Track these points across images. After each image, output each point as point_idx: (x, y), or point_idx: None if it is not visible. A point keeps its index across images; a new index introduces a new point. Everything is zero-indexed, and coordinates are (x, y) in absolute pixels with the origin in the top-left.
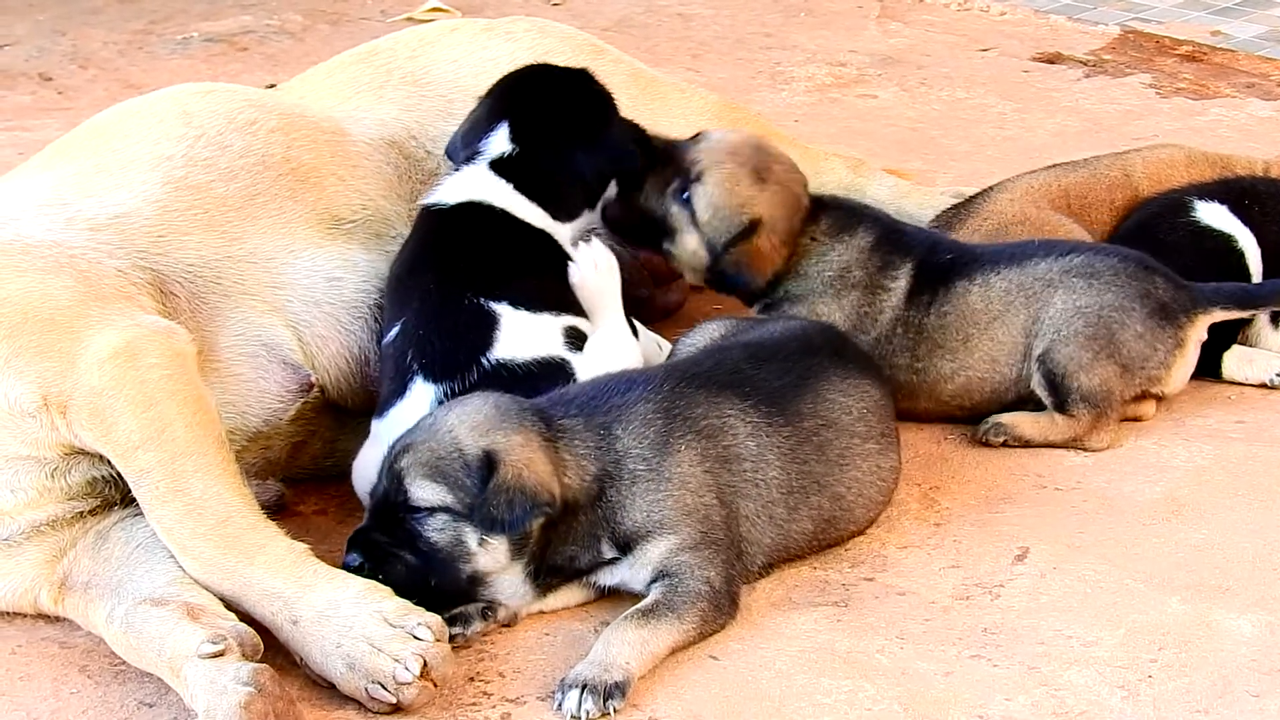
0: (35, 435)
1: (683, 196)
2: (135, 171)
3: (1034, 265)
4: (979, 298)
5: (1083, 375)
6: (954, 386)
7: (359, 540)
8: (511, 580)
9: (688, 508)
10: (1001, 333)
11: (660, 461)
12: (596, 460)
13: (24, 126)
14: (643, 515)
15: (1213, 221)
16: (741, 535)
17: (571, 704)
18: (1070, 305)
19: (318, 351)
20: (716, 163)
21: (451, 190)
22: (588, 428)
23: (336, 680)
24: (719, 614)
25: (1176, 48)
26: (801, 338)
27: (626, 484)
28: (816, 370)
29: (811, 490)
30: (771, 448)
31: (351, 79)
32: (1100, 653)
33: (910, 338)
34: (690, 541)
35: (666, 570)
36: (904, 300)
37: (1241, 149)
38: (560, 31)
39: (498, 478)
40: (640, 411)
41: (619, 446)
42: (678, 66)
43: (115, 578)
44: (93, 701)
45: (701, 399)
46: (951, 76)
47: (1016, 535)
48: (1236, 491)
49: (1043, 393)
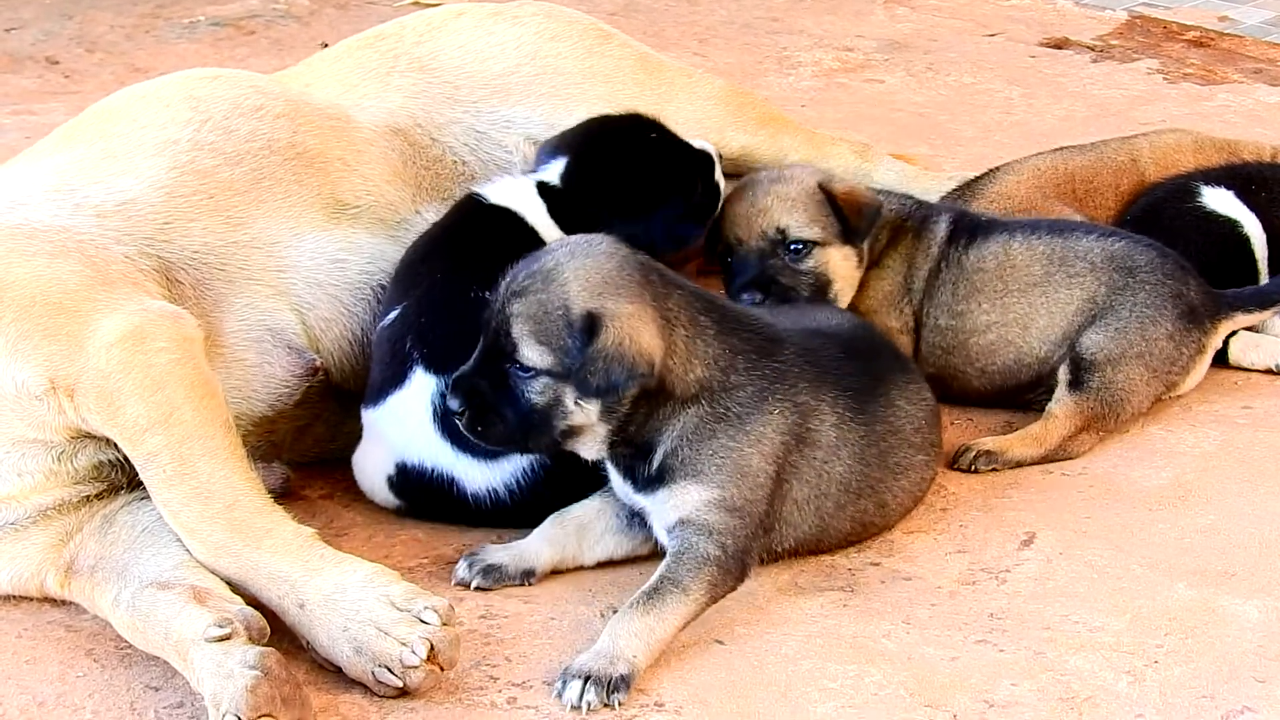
0: (42, 419)
1: (798, 262)
2: (141, 157)
3: (1077, 239)
4: (1021, 254)
5: (1110, 368)
6: (985, 342)
7: (463, 386)
8: (594, 440)
9: (746, 469)
10: (1039, 300)
11: (750, 413)
12: (706, 369)
13: (30, 110)
14: (708, 452)
15: (1219, 207)
16: (781, 515)
17: (573, 694)
18: (1108, 300)
19: (322, 334)
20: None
21: (499, 190)
22: (718, 337)
23: (343, 664)
24: (727, 578)
25: (1184, 33)
26: (865, 337)
27: (712, 412)
28: (886, 373)
29: (864, 494)
30: (846, 444)
31: (358, 64)
32: (1106, 638)
33: (953, 273)
34: (730, 503)
35: (690, 520)
36: (944, 240)
37: (1249, 134)
38: (567, 16)
39: (598, 342)
40: (760, 356)
41: (730, 377)
42: (684, 51)
43: (122, 561)
44: (99, 685)
45: (809, 374)
46: (958, 62)
47: (1023, 521)
48: (1243, 477)
49: (1061, 373)
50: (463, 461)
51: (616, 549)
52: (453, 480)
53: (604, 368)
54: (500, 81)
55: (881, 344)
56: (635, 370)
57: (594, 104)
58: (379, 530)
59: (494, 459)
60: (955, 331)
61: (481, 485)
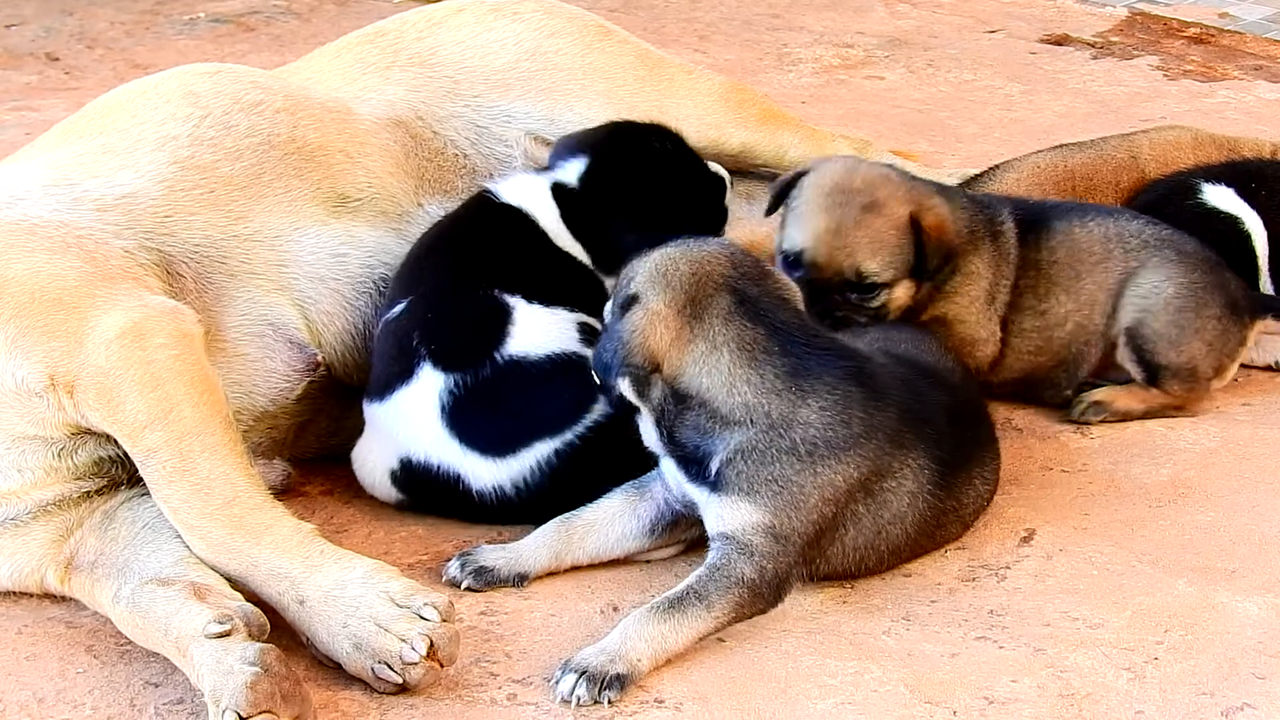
0: (42, 415)
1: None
2: (142, 152)
3: (1126, 221)
4: (1083, 236)
5: (1172, 353)
6: (1065, 334)
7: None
8: (646, 425)
9: (804, 505)
10: (1102, 278)
11: (824, 456)
12: (757, 397)
13: (31, 106)
14: (767, 476)
15: (1220, 204)
16: (823, 553)
17: (565, 687)
18: (1163, 274)
19: (324, 329)
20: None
21: (511, 189)
22: (782, 376)
23: (343, 660)
24: (757, 601)
25: (1184, 30)
26: (973, 400)
27: (776, 440)
28: (977, 449)
29: (902, 553)
30: (915, 513)
31: (358, 59)
32: (1106, 635)
33: (1031, 276)
34: (778, 530)
35: (734, 537)
36: (1018, 244)
37: (1249, 131)
38: (568, 12)
39: (621, 322)
40: (842, 401)
41: (798, 411)
42: (685, 48)
43: (122, 557)
44: (99, 681)
45: (904, 439)
46: (959, 58)
47: (1023, 517)
48: (1243, 474)
49: (1132, 367)
50: (470, 458)
51: (637, 553)
52: (459, 477)
53: (611, 344)
54: (500, 77)
55: (984, 411)
56: (629, 359)
57: (593, 100)
58: (379, 527)
59: (500, 456)
60: (1040, 331)
61: (488, 482)
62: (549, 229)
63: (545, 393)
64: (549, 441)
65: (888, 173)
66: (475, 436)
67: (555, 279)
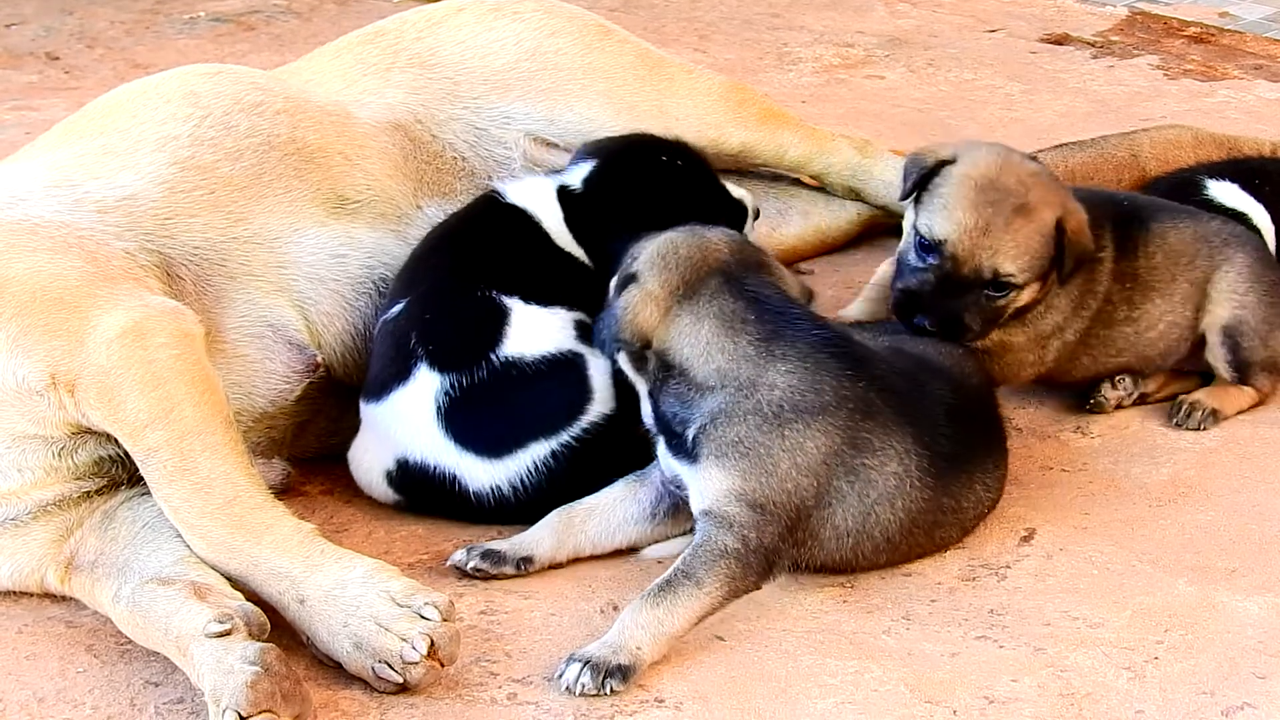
0: (43, 414)
1: (992, 300)
2: (142, 152)
3: (1205, 221)
4: (1175, 237)
5: (1263, 349)
6: (1156, 334)
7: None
8: (642, 396)
9: (772, 469)
10: (1195, 276)
11: (788, 419)
12: (729, 362)
13: (31, 106)
14: (733, 436)
15: (1226, 200)
16: (813, 534)
17: (569, 677)
18: (1249, 270)
19: (324, 330)
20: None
21: (518, 190)
22: (756, 341)
23: (343, 660)
24: (748, 573)
25: (1184, 29)
26: (991, 401)
27: (744, 402)
28: (985, 449)
29: (906, 546)
30: (903, 498)
31: (358, 59)
32: (1106, 634)
33: (1127, 288)
34: (752, 497)
35: (712, 511)
36: (1115, 256)
37: (1249, 130)
38: (568, 11)
39: (619, 299)
40: (813, 367)
41: (765, 373)
42: (685, 47)
43: (122, 557)
44: (99, 680)
45: (883, 414)
46: (959, 58)
47: (1023, 517)
48: (1244, 473)
49: (1223, 366)
50: (466, 459)
51: (640, 539)
52: (455, 478)
53: (607, 319)
54: (500, 77)
55: (996, 421)
56: (620, 334)
57: (594, 100)
58: (379, 526)
59: (497, 457)
60: (1127, 335)
61: (484, 483)
62: (552, 230)
63: (542, 394)
64: (545, 442)
65: (1038, 171)
66: (471, 437)
67: (555, 279)
